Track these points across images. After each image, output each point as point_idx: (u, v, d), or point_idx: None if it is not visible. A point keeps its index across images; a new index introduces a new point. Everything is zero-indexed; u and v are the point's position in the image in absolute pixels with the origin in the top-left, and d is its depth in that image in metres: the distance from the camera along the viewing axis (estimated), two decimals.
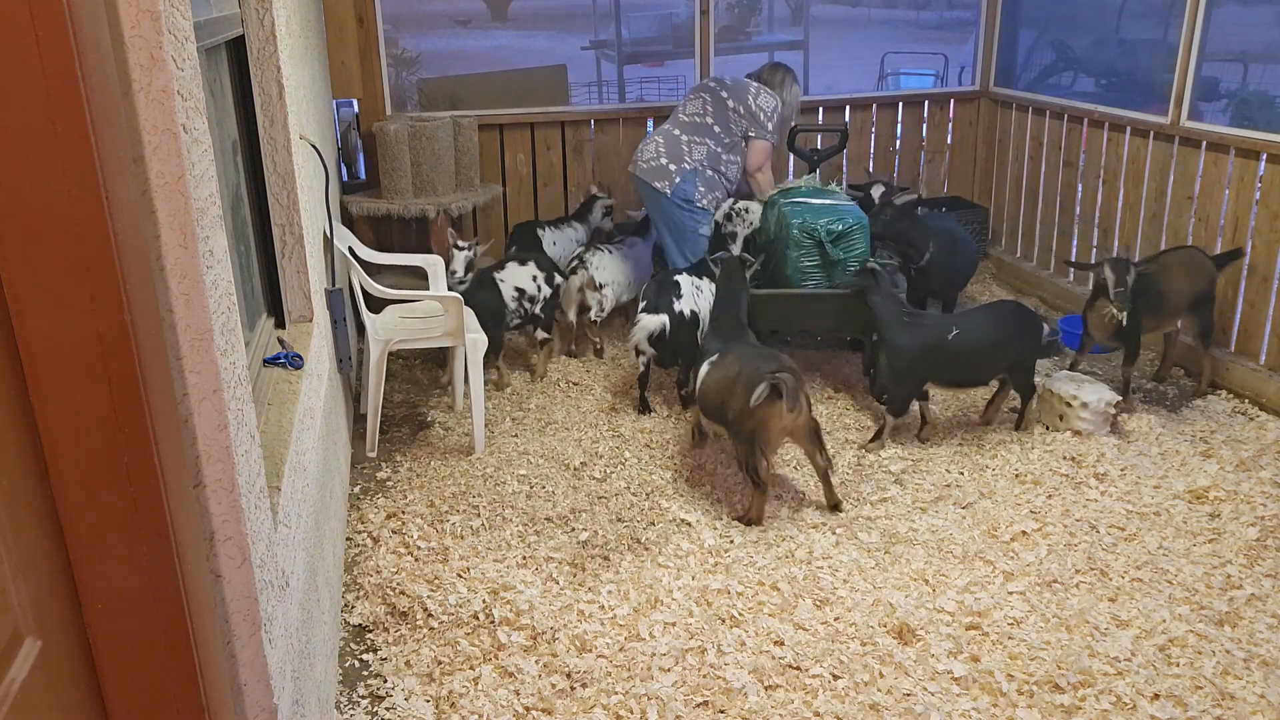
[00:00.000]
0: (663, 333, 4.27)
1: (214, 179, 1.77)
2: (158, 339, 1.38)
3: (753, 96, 4.93)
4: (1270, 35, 5.12)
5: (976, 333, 4.09)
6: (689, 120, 4.91)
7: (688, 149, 4.85)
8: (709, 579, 3.22)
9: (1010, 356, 4.13)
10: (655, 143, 4.92)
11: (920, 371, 4.09)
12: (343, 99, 5.48)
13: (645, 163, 4.89)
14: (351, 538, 3.54)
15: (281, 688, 1.86)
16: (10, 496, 1.15)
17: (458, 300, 4.04)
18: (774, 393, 3.37)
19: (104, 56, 1.27)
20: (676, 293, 4.38)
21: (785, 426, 3.49)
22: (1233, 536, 3.41)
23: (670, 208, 4.84)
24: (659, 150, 4.87)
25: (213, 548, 1.61)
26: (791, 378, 3.41)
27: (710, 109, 4.92)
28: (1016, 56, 6.34)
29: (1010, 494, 3.74)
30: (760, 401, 3.35)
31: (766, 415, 3.43)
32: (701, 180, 4.82)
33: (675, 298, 4.35)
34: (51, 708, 1.21)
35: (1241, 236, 4.53)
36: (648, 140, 5.00)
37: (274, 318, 3.02)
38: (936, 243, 4.90)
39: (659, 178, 4.82)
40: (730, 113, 4.91)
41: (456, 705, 2.69)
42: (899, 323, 4.11)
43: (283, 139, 2.96)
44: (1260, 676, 2.74)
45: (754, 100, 4.92)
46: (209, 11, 2.35)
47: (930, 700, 2.67)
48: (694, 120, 4.90)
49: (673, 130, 4.91)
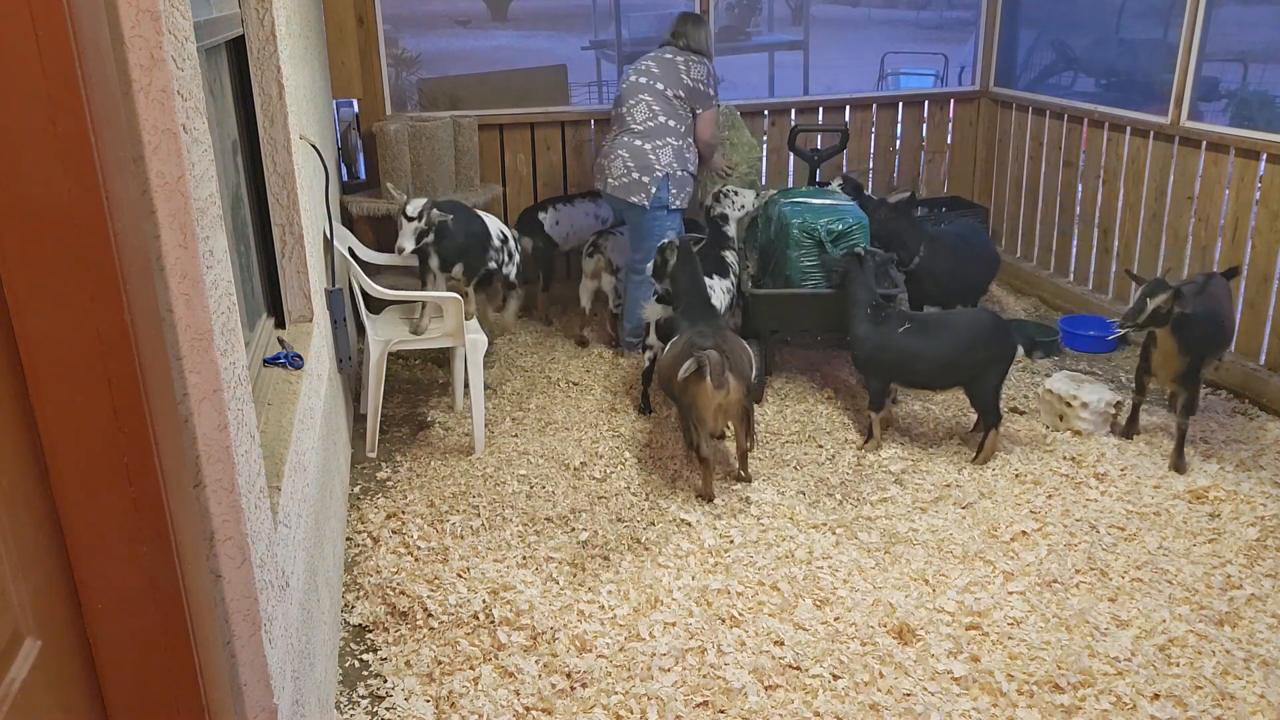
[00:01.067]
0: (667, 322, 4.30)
1: (214, 179, 1.77)
2: (158, 339, 1.38)
3: (684, 72, 4.84)
4: (1270, 35, 5.12)
5: (933, 335, 3.98)
6: (644, 128, 4.84)
7: (655, 156, 4.81)
8: (709, 579, 3.22)
9: (969, 368, 3.95)
10: (620, 158, 4.85)
11: (879, 365, 4.06)
12: (343, 99, 5.48)
13: (617, 179, 4.86)
14: (351, 538, 3.54)
15: (281, 688, 1.86)
16: (10, 496, 1.15)
17: (457, 301, 4.04)
18: (700, 370, 3.48)
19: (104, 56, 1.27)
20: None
21: (718, 404, 3.58)
22: (1233, 536, 3.41)
23: (646, 218, 4.87)
24: (627, 166, 4.83)
25: (213, 548, 1.61)
26: (716, 355, 3.50)
27: (657, 108, 4.84)
28: (1016, 56, 6.34)
29: (1010, 494, 3.74)
30: (687, 376, 3.50)
31: (696, 391, 3.55)
32: (673, 183, 4.83)
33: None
34: (51, 708, 1.21)
35: (1241, 236, 4.53)
36: (611, 157, 4.90)
37: (274, 318, 3.02)
38: (932, 247, 4.84)
39: (634, 192, 4.83)
40: (674, 100, 4.84)
41: (456, 705, 2.69)
42: (863, 313, 4.10)
43: (283, 139, 2.96)
44: (1260, 676, 2.74)
45: (687, 75, 4.84)
46: (209, 11, 2.35)
47: (930, 700, 2.67)
48: (648, 126, 4.84)
49: (634, 142, 4.84)
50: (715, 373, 3.48)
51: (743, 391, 3.66)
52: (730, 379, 3.56)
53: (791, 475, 3.93)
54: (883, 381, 4.09)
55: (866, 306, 4.10)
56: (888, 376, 4.09)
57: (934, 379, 4.09)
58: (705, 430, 3.66)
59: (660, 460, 4.08)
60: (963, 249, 4.95)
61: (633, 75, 4.92)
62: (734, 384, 3.59)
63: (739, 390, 3.62)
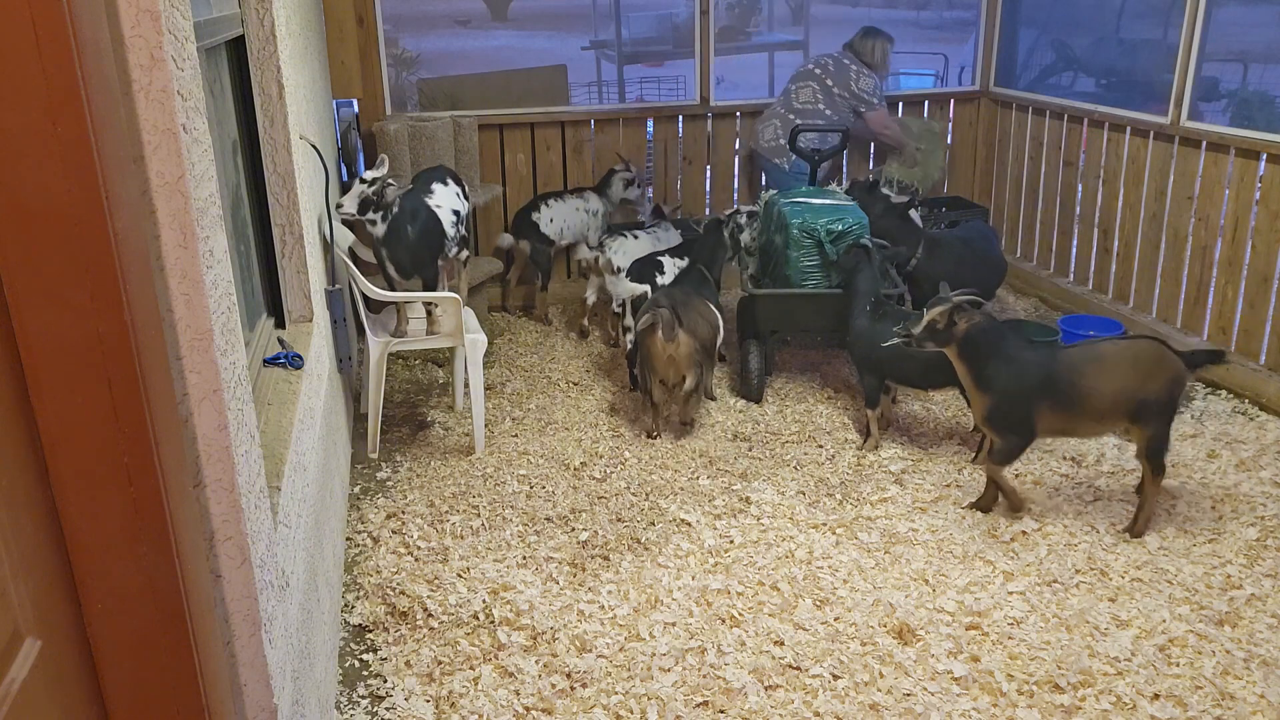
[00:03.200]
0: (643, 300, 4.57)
1: (214, 179, 1.77)
2: (158, 339, 1.38)
3: (854, 80, 5.70)
4: (1270, 35, 5.12)
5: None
6: (802, 108, 5.71)
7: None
8: (709, 579, 3.22)
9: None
10: (773, 125, 5.76)
11: (874, 361, 4.05)
12: (343, 99, 5.48)
13: (767, 142, 5.80)
14: (351, 538, 3.54)
15: (281, 688, 1.86)
16: (10, 496, 1.15)
17: (456, 300, 4.03)
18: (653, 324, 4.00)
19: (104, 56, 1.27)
20: (660, 270, 4.80)
21: (668, 355, 4.06)
22: (1233, 536, 3.41)
23: (786, 178, 5.68)
24: (777, 133, 5.73)
25: (213, 548, 1.61)
26: (668, 313, 4.00)
27: (820, 96, 5.71)
28: (1016, 56, 6.34)
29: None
30: (644, 328, 4.04)
31: (650, 342, 4.06)
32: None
33: (658, 273, 4.78)
34: (51, 708, 1.21)
35: (1241, 236, 4.52)
36: (766, 123, 5.82)
37: (274, 318, 3.02)
38: (932, 249, 4.80)
39: (779, 155, 5.75)
40: (836, 97, 5.70)
41: (456, 705, 2.69)
42: (862, 307, 4.11)
43: (283, 139, 2.96)
44: (1260, 676, 2.74)
45: (855, 84, 5.71)
46: (209, 11, 2.35)
47: (930, 700, 2.67)
48: (807, 108, 5.71)
49: (788, 115, 5.71)
50: (666, 327, 4.00)
51: (692, 346, 4.08)
52: (680, 334, 4.03)
53: (791, 475, 3.93)
54: (877, 378, 4.09)
55: (866, 301, 4.10)
56: (881, 373, 4.09)
57: (924, 378, 4.09)
58: (656, 377, 4.17)
59: (660, 460, 4.08)
60: (965, 252, 4.90)
61: (808, 66, 5.82)
62: (683, 338, 4.04)
63: (688, 344, 4.06)
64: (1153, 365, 3.29)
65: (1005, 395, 3.35)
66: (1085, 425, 3.44)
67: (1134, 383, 3.28)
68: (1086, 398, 3.31)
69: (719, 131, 6.19)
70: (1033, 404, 3.34)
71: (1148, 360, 3.30)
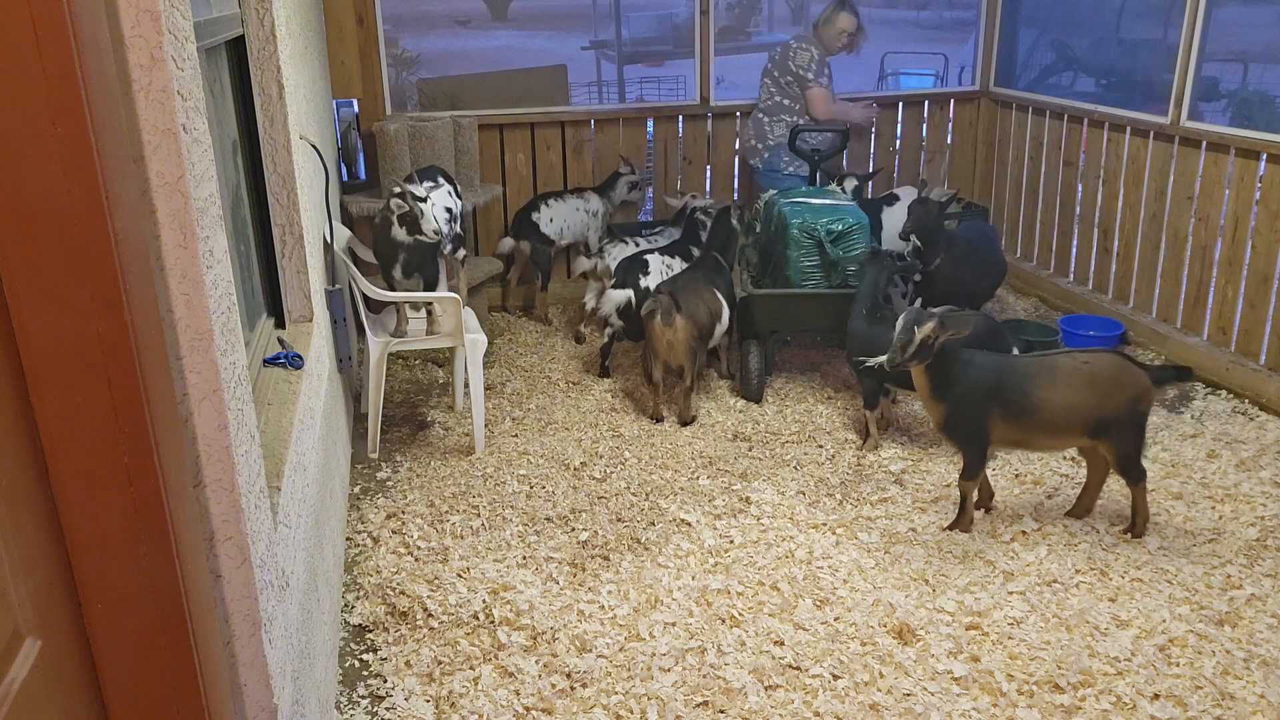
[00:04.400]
0: (629, 306, 4.67)
1: (214, 179, 1.77)
2: (158, 339, 1.38)
3: (791, 58, 5.52)
4: (1270, 35, 5.12)
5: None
6: (765, 105, 5.68)
7: (770, 129, 5.65)
8: (709, 579, 3.22)
9: None
10: (748, 127, 5.87)
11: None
12: (343, 99, 5.48)
13: (744, 144, 5.92)
14: (351, 538, 3.54)
15: (281, 688, 1.86)
16: (10, 496, 1.15)
17: (456, 301, 4.03)
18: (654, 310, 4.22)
19: (104, 56, 1.27)
20: (644, 270, 4.80)
21: (667, 340, 4.26)
22: (1233, 536, 3.41)
23: (764, 178, 5.72)
24: (749, 134, 5.81)
25: (213, 548, 1.61)
26: (668, 300, 4.23)
27: (772, 89, 5.63)
28: (1016, 56, 6.34)
29: (1010, 494, 3.74)
30: (646, 313, 4.28)
31: (651, 327, 4.28)
32: (784, 153, 5.55)
33: (642, 274, 4.76)
34: (51, 708, 1.21)
35: (1241, 236, 4.52)
36: (745, 126, 5.95)
37: (274, 318, 3.02)
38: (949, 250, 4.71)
39: (752, 156, 5.79)
40: (783, 84, 5.57)
41: (456, 705, 2.69)
42: (861, 310, 4.12)
43: (283, 139, 2.96)
44: (1260, 676, 2.74)
45: (792, 61, 5.52)
46: (209, 11, 2.35)
47: (930, 700, 2.67)
48: (767, 104, 5.66)
49: (757, 115, 5.74)
50: (665, 313, 4.22)
51: (690, 332, 4.27)
52: (678, 319, 4.24)
53: (791, 475, 3.93)
54: (875, 380, 4.10)
55: (865, 305, 4.11)
56: (877, 374, 4.09)
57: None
58: (659, 360, 4.36)
59: (660, 460, 4.08)
60: (970, 253, 4.89)
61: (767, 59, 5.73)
62: (680, 323, 4.24)
63: (686, 330, 4.26)
64: (1109, 383, 3.26)
65: (958, 401, 3.34)
66: (1039, 438, 3.39)
67: (1090, 399, 3.25)
68: (1038, 409, 3.28)
69: (719, 131, 6.19)
70: (984, 410, 3.32)
71: (1105, 378, 3.26)
